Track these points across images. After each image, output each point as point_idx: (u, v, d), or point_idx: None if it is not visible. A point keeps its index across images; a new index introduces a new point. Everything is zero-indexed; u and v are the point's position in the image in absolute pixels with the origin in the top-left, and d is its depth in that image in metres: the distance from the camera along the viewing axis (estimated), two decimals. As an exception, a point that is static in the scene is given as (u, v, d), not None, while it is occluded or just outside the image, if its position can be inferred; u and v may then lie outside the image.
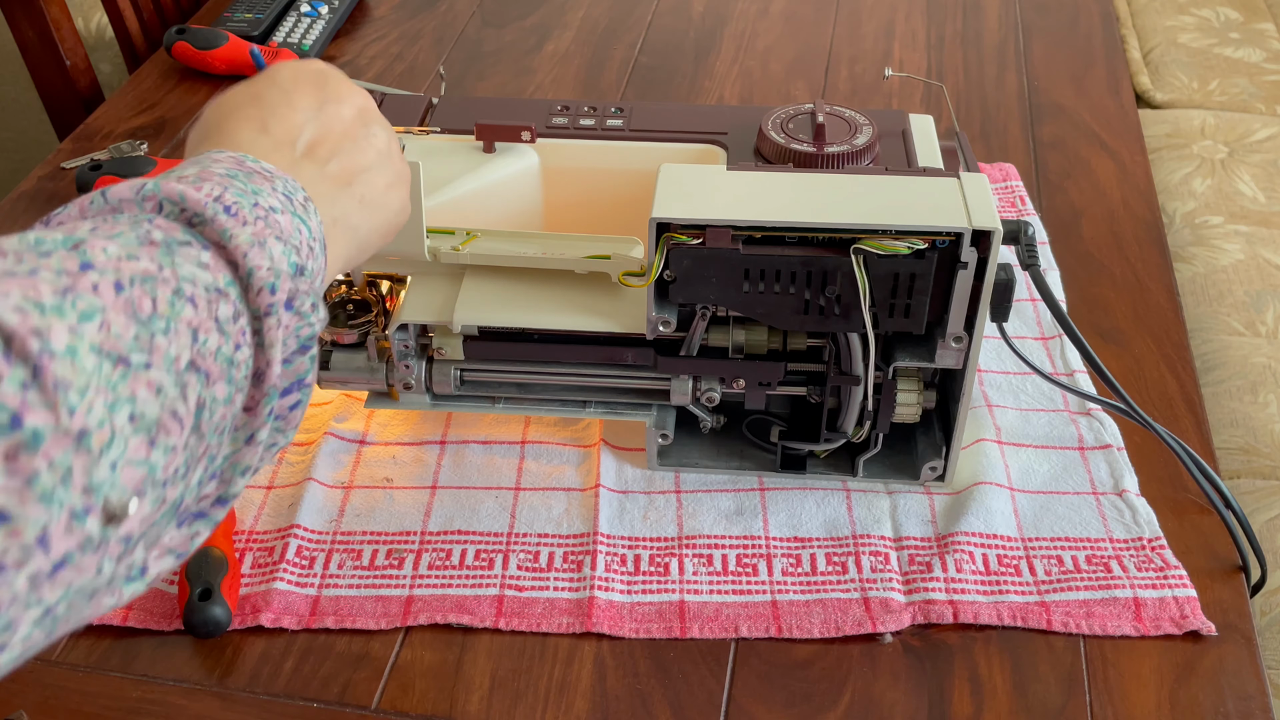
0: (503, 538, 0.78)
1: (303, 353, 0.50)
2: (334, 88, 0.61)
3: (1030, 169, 1.12)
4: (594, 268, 0.75)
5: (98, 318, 0.41)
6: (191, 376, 0.44)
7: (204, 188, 0.48)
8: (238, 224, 0.48)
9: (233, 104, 0.59)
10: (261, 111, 0.58)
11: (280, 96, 0.59)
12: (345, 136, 0.60)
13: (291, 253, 0.50)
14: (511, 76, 1.28)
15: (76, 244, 0.43)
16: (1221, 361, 1.18)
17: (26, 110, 1.96)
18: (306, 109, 0.59)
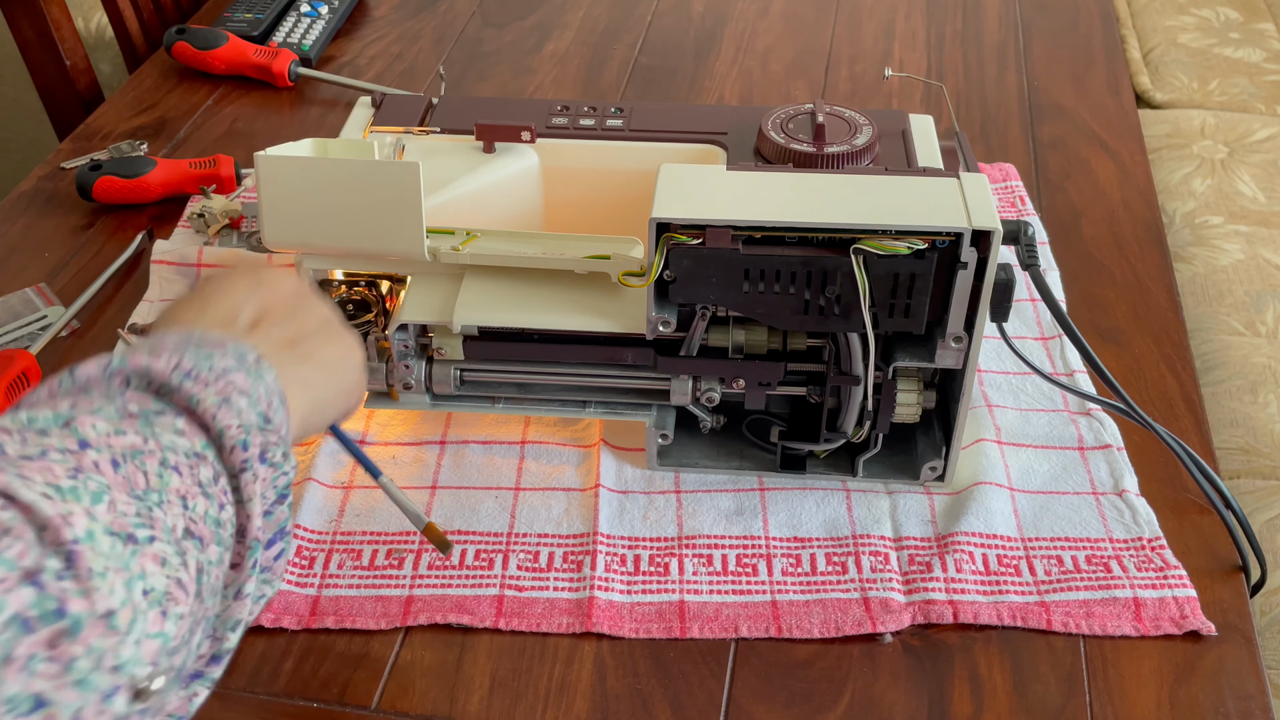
0: (503, 538, 0.78)
1: (281, 501, 0.53)
2: (267, 274, 0.63)
3: (1030, 169, 1.12)
4: (594, 268, 0.75)
5: (106, 498, 0.43)
6: (189, 544, 0.46)
7: (162, 357, 0.51)
8: (201, 386, 0.50)
9: (172, 310, 0.61)
10: (200, 301, 0.60)
11: (215, 288, 0.61)
12: (284, 307, 0.62)
13: (255, 404, 0.52)
14: (511, 76, 1.28)
15: (68, 421, 0.46)
16: (1221, 361, 1.18)
17: (26, 110, 1.96)
18: (242, 292, 0.61)
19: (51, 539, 0.40)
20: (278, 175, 0.73)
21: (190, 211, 1.04)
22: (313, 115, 1.21)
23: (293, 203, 0.74)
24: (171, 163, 1.07)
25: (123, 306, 0.97)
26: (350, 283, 0.79)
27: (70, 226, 1.06)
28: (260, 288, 0.62)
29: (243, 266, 0.64)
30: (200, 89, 1.26)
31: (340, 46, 1.33)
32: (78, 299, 0.95)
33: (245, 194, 1.06)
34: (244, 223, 1.03)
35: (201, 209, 1.02)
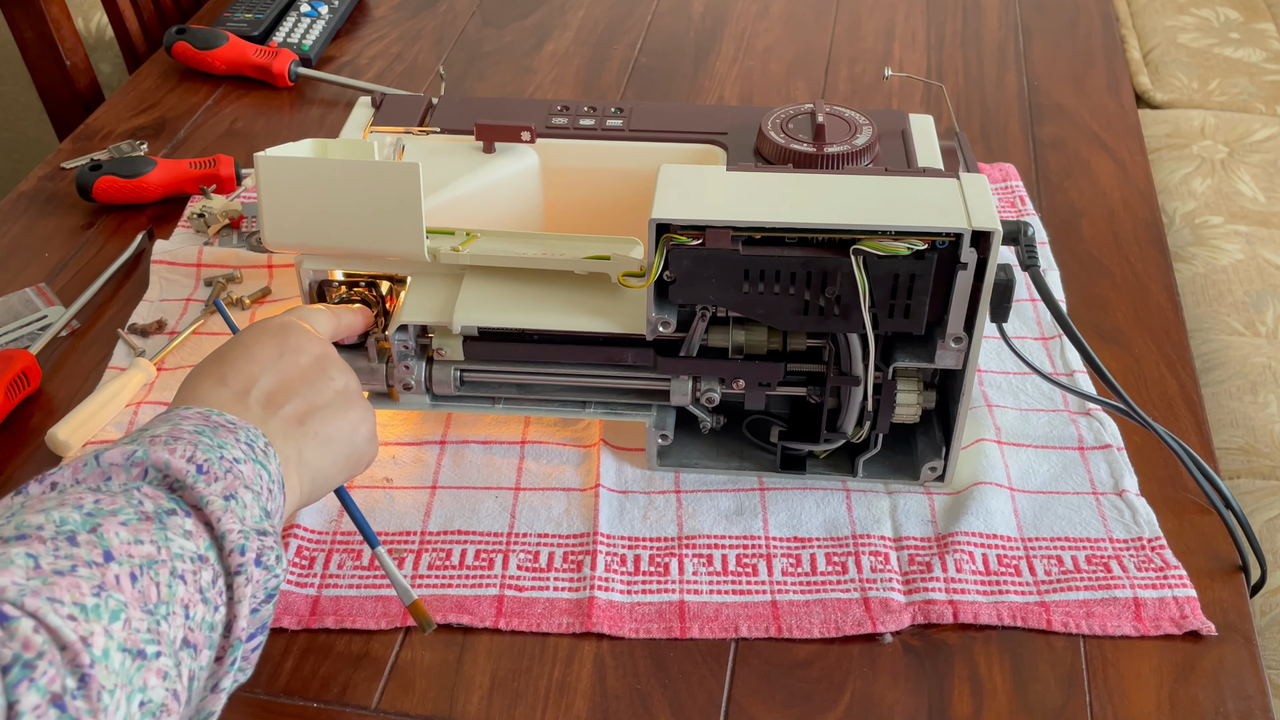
0: (502, 538, 0.78)
1: (268, 601, 0.57)
2: (293, 340, 0.67)
3: (1030, 169, 1.12)
4: (594, 268, 0.75)
5: (123, 616, 0.48)
6: (185, 653, 0.51)
7: (178, 450, 0.56)
8: (210, 484, 0.56)
9: (199, 366, 0.66)
10: (222, 367, 0.65)
11: (241, 352, 0.66)
12: (302, 380, 0.66)
13: (258, 498, 0.58)
14: (511, 76, 1.28)
15: (94, 527, 0.51)
16: (1221, 361, 1.18)
17: (26, 110, 1.96)
18: (264, 360, 0.66)
19: (70, 660, 0.45)
20: (278, 175, 0.73)
21: (190, 211, 1.04)
22: (313, 115, 1.21)
23: (293, 203, 0.74)
24: (171, 163, 1.07)
25: (123, 306, 0.97)
26: (350, 283, 0.79)
27: (70, 226, 1.06)
28: (282, 358, 0.66)
29: (272, 327, 0.68)
30: (200, 89, 1.26)
31: (340, 46, 1.33)
32: (78, 299, 0.95)
33: (245, 194, 1.06)
34: (244, 223, 1.03)
35: (201, 209, 1.02)
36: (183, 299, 0.97)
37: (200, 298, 0.97)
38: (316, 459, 0.65)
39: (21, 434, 0.86)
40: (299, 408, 0.65)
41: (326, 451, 0.66)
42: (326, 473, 0.66)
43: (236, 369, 0.65)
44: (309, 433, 0.65)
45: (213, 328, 0.94)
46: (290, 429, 0.64)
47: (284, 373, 0.66)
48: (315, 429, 0.65)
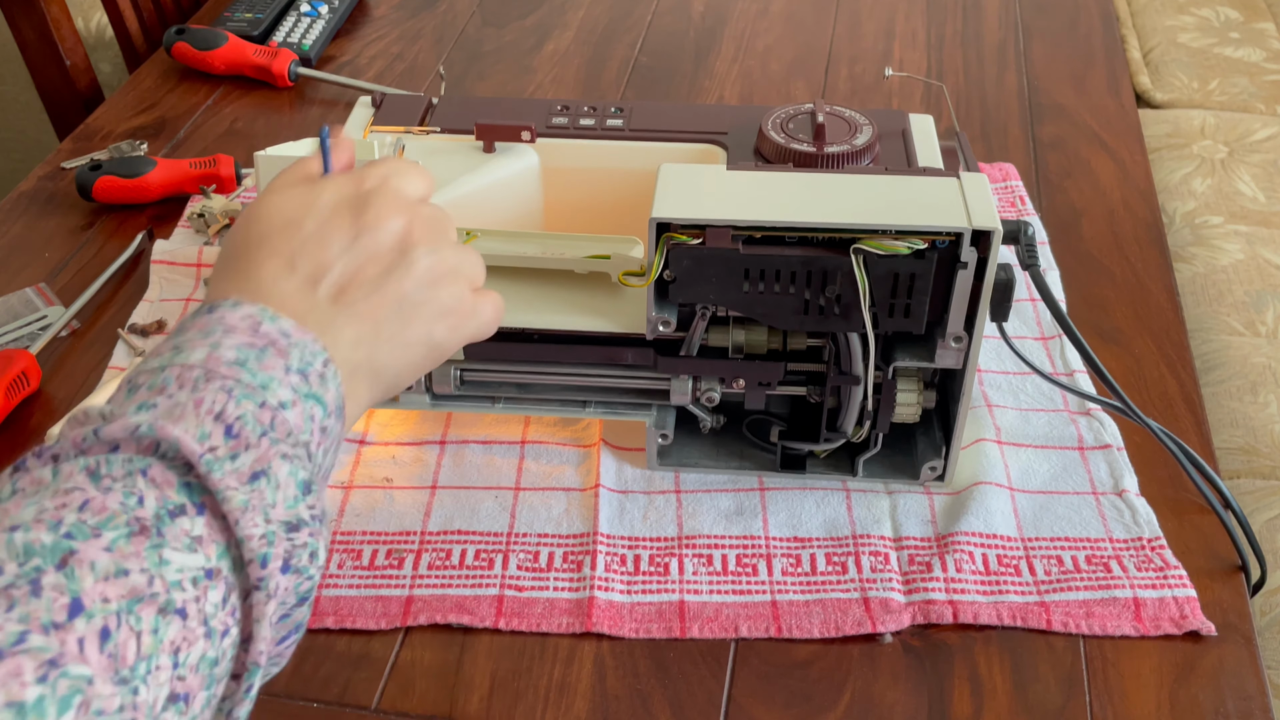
0: (502, 538, 0.78)
1: (301, 604, 0.49)
2: (375, 211, 0.57)
3: (1030, 169, 1.12)
4: (594, 268, 0.75)
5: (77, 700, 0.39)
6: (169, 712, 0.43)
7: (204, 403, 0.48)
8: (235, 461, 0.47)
9: (267, 226, 0.57)
10: (291, 244, 0.56)
11: (315, 227, 0.56)
12: (381, 269, 0.56)
13: (297, 469, 0.49)
14: (511, 76, 1.28)
15: (67, 557, 0.42)
16: (1221, 361, 1.18)
17: (26, 110, 1.96)
18: (340, 242, 0.56)
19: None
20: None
21: (190, 211, 1.04)
22: (313, 115, 1.21)
23: (293, 203, 0.73)
24: (171, 163, 1.07)
25: (123, 306, 0.97)
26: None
27: (70, 226, 1.06)
28: (359, 239, 0.56)
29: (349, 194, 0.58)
30: (200, 89, 1.26)
31: (340, 46, 1.33)
32: (78, 299, 0.95)
33: (245, 194, 1.06)
34: (244, 223, 1.03)
35: (201, 209, 1.02)
36: (183, 299, 0.97)
37: (200, 298, 0.97)
38: (391, 363, 0.57)
39: (21, 434, 0.86)
40: (375, 305, 0.56)
41: (400, 354, 0.57)
42: (399, 377, 0.58)
43: (308, 252, 0.55)
44: (384, 335, 0.56)
45: (213, 328, 0.94)
46: (362, 333, 0.55)
47: (360, 260, 0.56)
48: (390, 331, 0.56)
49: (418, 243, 0.58)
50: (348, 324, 0.55)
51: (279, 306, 0.53)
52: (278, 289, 0.54)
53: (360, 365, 0.55)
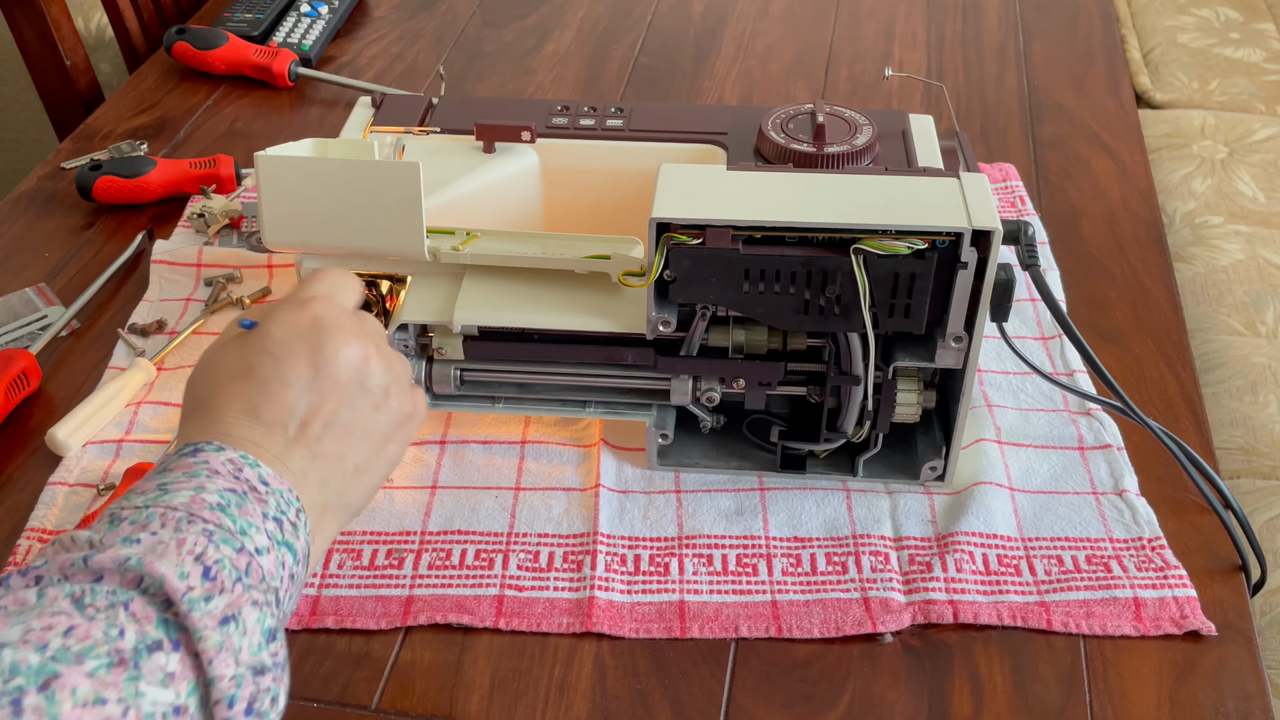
0: (503, 538, 0.78)
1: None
2: (329, 350, 0.59)
3: (1030, 169, 1.12)
4: (594, 268, 0.75)
5: None
6: None
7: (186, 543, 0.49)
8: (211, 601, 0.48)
9: (225, 374, 0.58)
10: (252, 390, 0.57)
11: (272, 369, 0.58)
12: (339, 400, 0.59)
13: (265, 616, 0.51)
14: (511, 76, 1.28)
15: (49, 680, 0.43)
16: (1221, 361, 1.18)
17: (26, 110, 1.96)
18: (299, 381, 0.58)
19: None
20: (278, 175, 0.73)
21: (190, 211, 1.04)
22: (313, 115, 1.21)
23: (293, 203, 0.74)
24: (171, 163, 1.07)
25: (123, 306, 0.97)
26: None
27: (70, 226, 1.06)
28: (318, 376, 0.58)
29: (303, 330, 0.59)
30: (200, 89, 1.26)
31: (340, 46, 1.33)
32: (78, 299, 0.95)
33: (245, 194, 1.06)
34: (244, 223, 1.03)
35: (201, 209, 1.02)
36: (183, 299, 0.97)
37: (200, 298, 0.97)
38: (355, 493, 0.60)
39: (21, 434, 0.86)
40: (338, 439, 0.59)
41: (363, 481, 0.61)
42: (361, 502, 0.61)
43: (269, 396, 0.57)
44: (349, 467, 0.59)
45: (213, 327, 0.94)
46: (329, 470, 0.58)
47: (320, 393, 0.58)
48: (355, 461, 0.60)
49: (373, 367, 0.60)
50: (313, 466, 0.58)
51: (253, 451, 0.55)
52: (248, 435, 0.56)
53: (329, 503, 0.58)
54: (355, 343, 0.60)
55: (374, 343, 0.61)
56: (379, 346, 0.61)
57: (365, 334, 0.61)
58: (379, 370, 0.60)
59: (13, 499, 0.81)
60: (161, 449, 0.83)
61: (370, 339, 0.61)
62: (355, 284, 0.64)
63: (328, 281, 0.63)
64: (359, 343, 0.60)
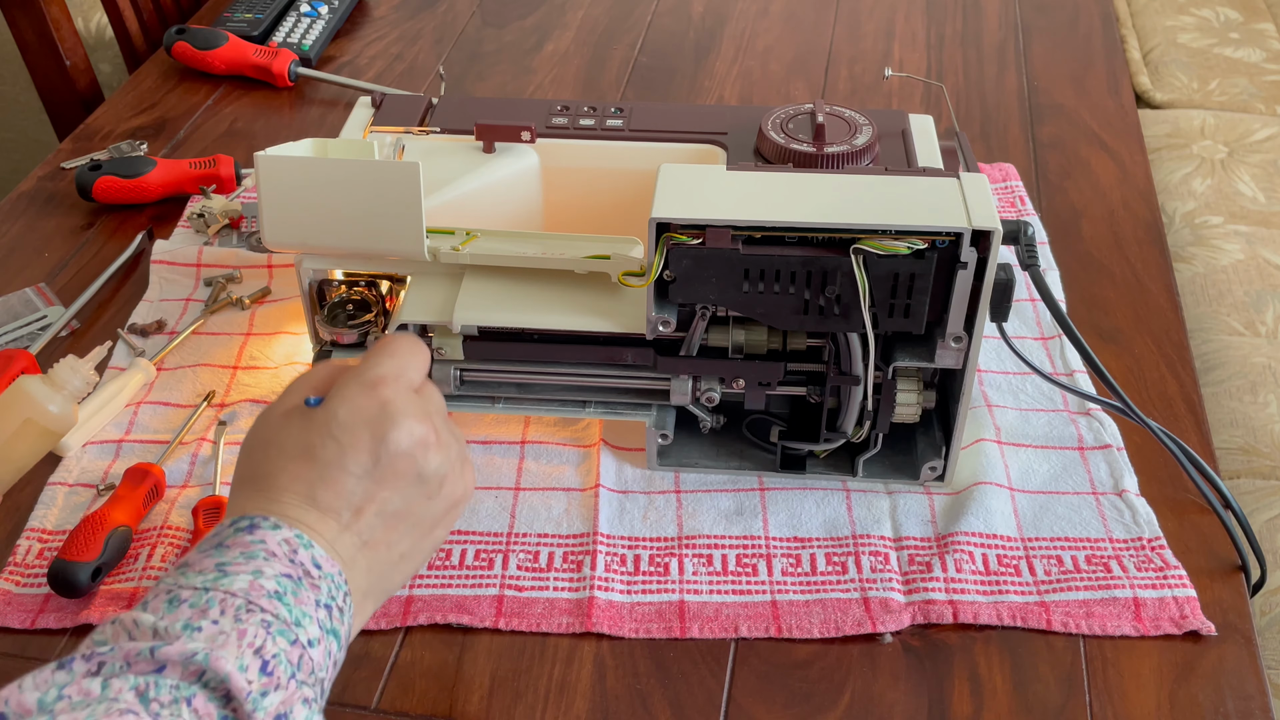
0: (502, 538, 0.78)
1: None
2: (392, 435, 0.58)
3: (1030, 169, 1.12)
4: (594, 268, 0.75)
5: None
6: None
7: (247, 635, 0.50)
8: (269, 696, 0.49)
9: (286, 452, 0.58)
10: (312, 473, 0.57)
11: (335, 454, 0.57)
12: (395, 489, 0.58)
13: (314, 713, 0.51)
14: (511, 76, 1.28)
15: None
16: (1221, 361, 1.18)
17: (26, 110, 1.96)
18: (359, 469, 0.57)
19: None
20: (278, 175, 0.73)
21: (190, 211, 1.04)
22: (313, 115, 1.21)
23: (293, 203, 0.74)
24: (171, 163, 1.07)
25: (123, 306, 0.97)
26: (350, 283, 0.79)
27: (70, 226, 1.06)
28: (378, 465, 0.57)
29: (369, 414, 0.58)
30: (200, 89, 1.26)
31: (340, 46, 1.33)
32: (78, 299, 0.95)
33: (245, 194, 1.06)
34: (244, 223, 1.03)
35: (201, 209, 1.02)
36: (182, 299, 0.97)
37: (200, 298, 0.97)
38: (396, 576, 0.60)
39: (21, 434, 0.86)
40: (387, 527, 0.58)
41: (405, 566, 0.60)
42: (400, 584, 0.61)
43: (329, 482, 0.56)
44: (395, 554, 0.59)
45: (212, 328, 0.94)
46: (376, 557, 0.58)
47: (377, 482, 0.57)
48: (402, 549, 0.59)
49: (431, 457, 0.59)
50: (362, 553, 0.57)
51: (308, 534, 0.55)
52: (304, 518, 0.56)
53: (371, 589, 0.58)
54: (417, 431, 0.58)
55: (435, 426, 0.59)
56: (439, 430, 0.60)
57: (428, 418, 0.59)
58: (436, 460, 0.59)
59: (13, 499, 0.81)
60: (161, 449, 0.83)
61: (432, 423, 0.59)
62: (423, 356, 0.62)
63: (398, 358, 0.61)
64: (421, 431, 0.58)
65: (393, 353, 0.61)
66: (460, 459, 0.62)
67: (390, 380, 0.59)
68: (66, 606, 0.74)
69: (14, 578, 0.76)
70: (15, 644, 0.72)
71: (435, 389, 0.63)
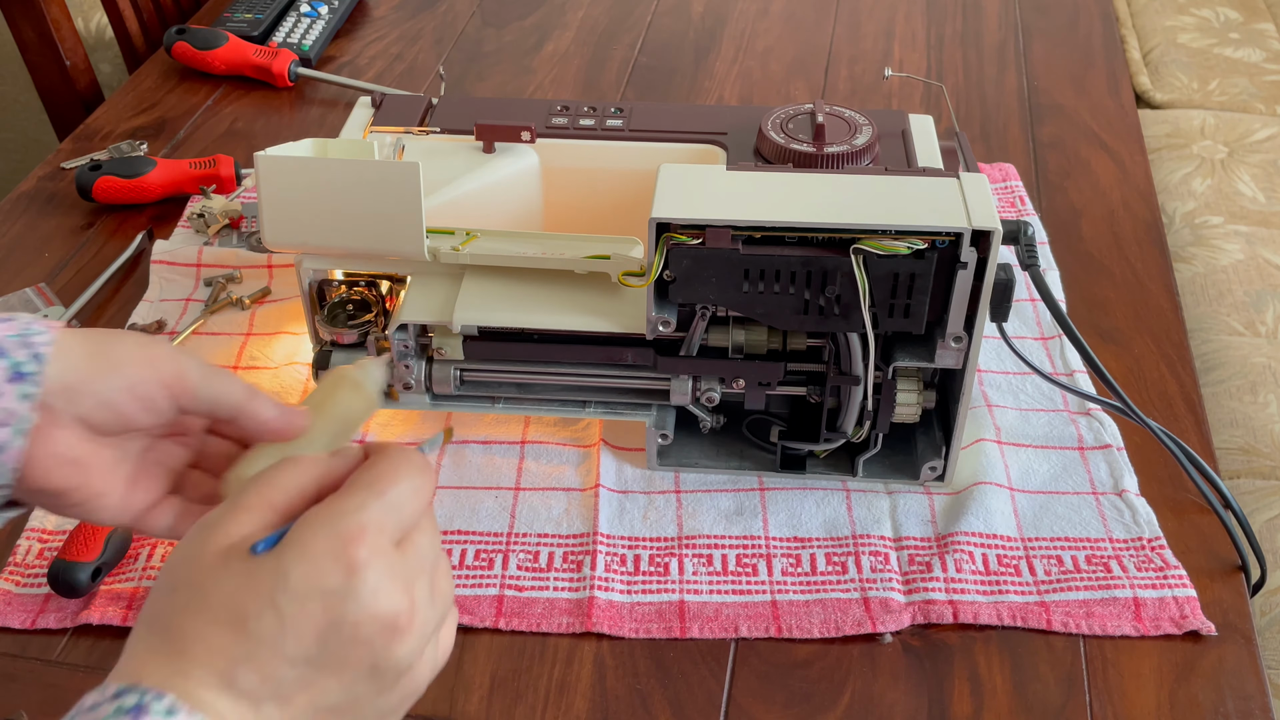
0: (502, 538, 0.78)
1: None
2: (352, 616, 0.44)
3: (1030, 169, 1.12)
4: (594, 268, 0.75)
5: None
6: None
7: None
8: None
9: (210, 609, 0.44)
10: (237, 649, 0.43)
11: (271, 631, 0.44)
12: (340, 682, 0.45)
13: None
14: (511, 76, 1.28)
15: None
16: (1221, 361, 1.18)
17: (26, 110, 1.96)
18: (298, 653, 0.44)
19: None
20: (278, 175, 0.73)
21: (190, 211, 1.04)
22: (313, 115, 1.21)
23: (293, 203, 0.74)
24: (171, 163, 1.07)
25: (123, 306, 0.97)
26: (350, 283, 0.79)
27: (70, 226, 1.06)
28: (325, 651, 0.44)
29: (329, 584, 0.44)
30: (200, 89, 1.26)
31: (340, 46, 1.33)
32: (78, 299, 0.95)
33: (245, 194, 1.06)
34: (244, 223, 1.03)
35: (201, 209, 1.02)
36: (182, 299, 0.97)
37: (200, 298, 0.97)
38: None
39: (21, 434, 0.86)
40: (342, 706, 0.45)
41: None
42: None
43: (255, 664, 0.43)
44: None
45: (212, 327, 0.94)
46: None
47: (318, 670, 0.44)
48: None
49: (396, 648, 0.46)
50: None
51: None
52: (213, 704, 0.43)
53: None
54: (385, 613, 0.45)
55: (413, 600, 0.46)
56: (417, 605, 0.47)
57: (408, 589, 0.46)
58: (402, 650, 0.46)
59: (13, 499, 0.81)
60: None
61: (410, 596, 0.46)
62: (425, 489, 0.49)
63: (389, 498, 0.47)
64: (390, 612, 0.45)
65: (385, 489, 0.47)
66: (437, 628, 0.49)
67: (371, 534, 0.45)
68: (66, 606, 0.74)
69: (14, 578, 0.76)
70: (15, 644, 0.73)
71: (430, 526, 0.49)
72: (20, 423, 0.50)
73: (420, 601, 0.47)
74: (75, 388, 0.52)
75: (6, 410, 0.50)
